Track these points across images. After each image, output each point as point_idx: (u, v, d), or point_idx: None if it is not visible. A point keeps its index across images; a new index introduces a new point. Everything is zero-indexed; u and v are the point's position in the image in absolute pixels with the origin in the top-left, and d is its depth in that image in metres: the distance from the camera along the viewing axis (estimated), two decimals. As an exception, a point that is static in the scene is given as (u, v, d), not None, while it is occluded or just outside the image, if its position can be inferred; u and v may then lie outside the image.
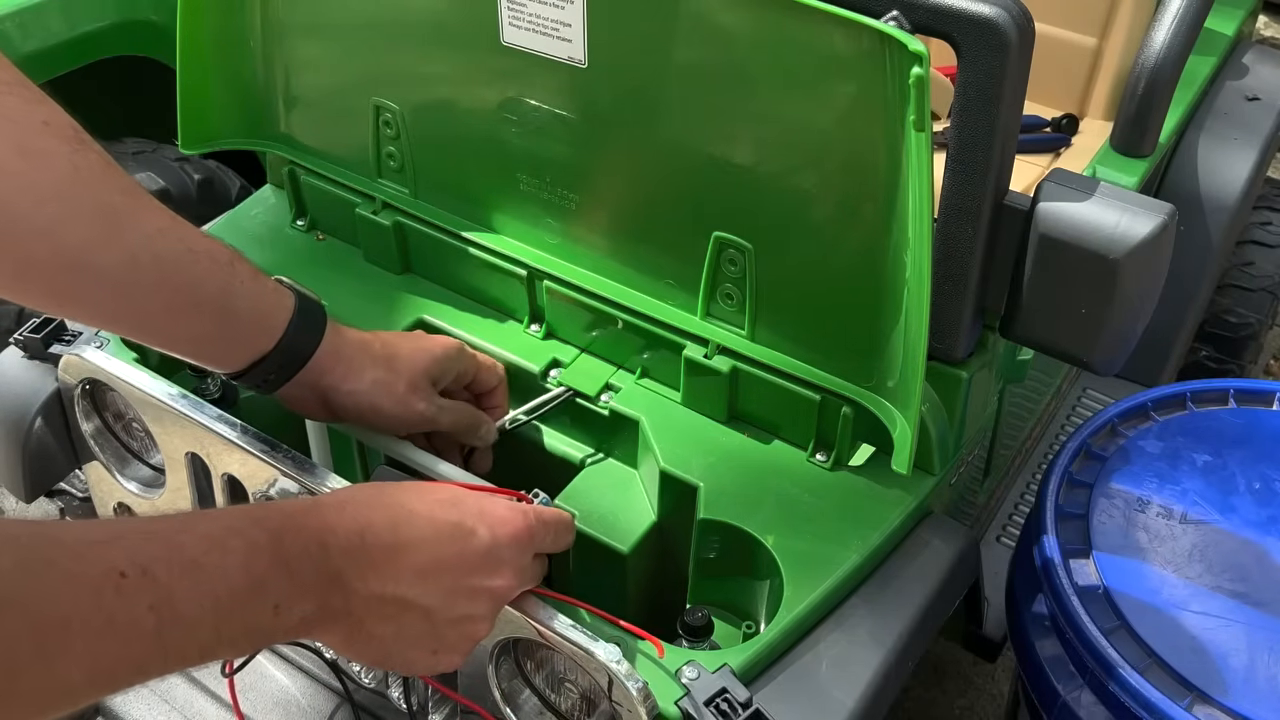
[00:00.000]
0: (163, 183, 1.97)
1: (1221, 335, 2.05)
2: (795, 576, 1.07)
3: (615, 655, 0.93)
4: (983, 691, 1.94)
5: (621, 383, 1.27)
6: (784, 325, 1.16)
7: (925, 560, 1.15)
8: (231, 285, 1.01)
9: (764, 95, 1.06)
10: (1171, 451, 1.30)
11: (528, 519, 0.92)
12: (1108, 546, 1.19)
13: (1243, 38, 2.03)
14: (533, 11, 1.11)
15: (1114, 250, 1.01)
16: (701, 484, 1.15)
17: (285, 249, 1.46)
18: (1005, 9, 0.96)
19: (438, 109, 1.29)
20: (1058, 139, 1.89)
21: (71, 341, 1.28)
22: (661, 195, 1.18)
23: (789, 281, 1.14)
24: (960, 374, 1.17)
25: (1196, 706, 1.06)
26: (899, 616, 1.09)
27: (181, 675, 1.27)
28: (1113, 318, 1.05)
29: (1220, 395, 1.37)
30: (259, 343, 1.04)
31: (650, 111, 1.13)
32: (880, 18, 0.95)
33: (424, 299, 1.38)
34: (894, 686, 1.06)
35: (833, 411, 1.16)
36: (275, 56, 1.37)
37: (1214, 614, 1.13)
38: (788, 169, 1.08)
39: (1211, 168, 1.79)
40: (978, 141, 1.02)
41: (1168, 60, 1.47)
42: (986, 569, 1.29)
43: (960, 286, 1.10)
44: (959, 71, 1.00)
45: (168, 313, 0.99)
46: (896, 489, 1.17)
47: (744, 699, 0.94)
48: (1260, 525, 1.21)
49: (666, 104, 1.12)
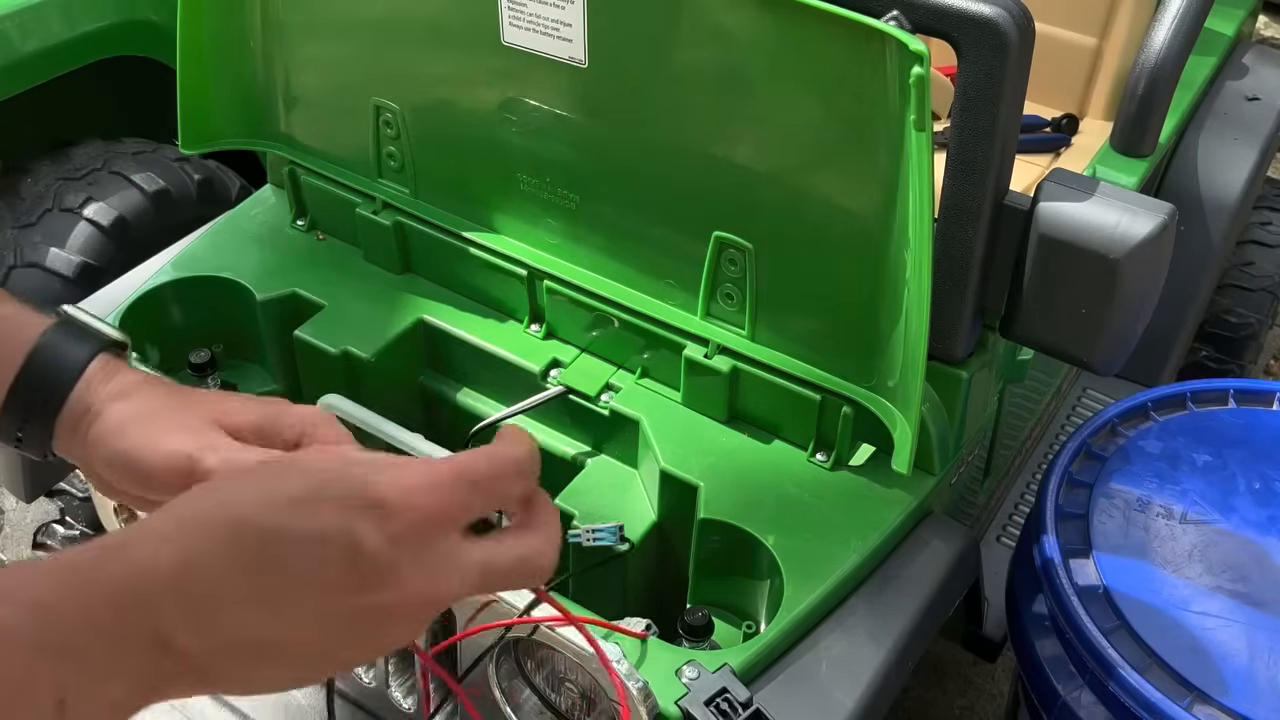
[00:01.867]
0: (163, 183, 1.98)
1: (1221, 335, 2.05)
2: (795, 576, 1.07)
3: (616, 655, 0.93)
4: (983, 691, 1.94)
5: (622, 383, 1.27)
6: (784, 325, 1.16)
7: (925, 560, 1.15)
8: None
9: (764, 95, 1.06)
10: (1171, 451, 1.30)
11: (437, 486, 0.61)
12: (1108, 546, 1.19)
13: (1243, 38, 2.03)
14: (533, 11, 1.11)
15: (1114, 250, 1.01)
16: (701, 484, 1.15)
17: (285, 249, 1.46)
18: (1005, 9, 0.96)
19: (438, 109, 1.29)
20: (1058, 139, 1.89)
21: (72, 341, 1.28)
22: (662, 195, 1.18)
23: (789, 281, 1.14)
24: (960, 374, 1.17)
25: (1196, 706, 1.06)
26: (899, 616, 1.09)
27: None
28: (1113, 318, 1.05)
29: (1220, 395, 1.37)
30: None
31: (650, 111, 1.13)
32: (880, 18, 0.95)
33: (424, 299, 1.38)
34: (894, 686, 1.06)
35: (833, 411, 1.16)
36: (275, 56, 1.37)
37: (1214, 614, 1.13)
38: (788, 169, 1.08)
39: (1211, 168, 1.79)
40: (978, 141, 1.02)
41: (1168, 60, 1.47)
42: (986, 569, 1.29)
43: (960, 286, 1.10)
44: (959, 71, 1.00)
45: None
46: (896, 489, 1.17)
47: (744, 699, 0.94)
48: (1260, 525, 1.21)
49: (667, 104, 1.12)
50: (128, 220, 1.94)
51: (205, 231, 1.49)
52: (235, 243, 1.46)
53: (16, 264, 1.91)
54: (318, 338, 1.32)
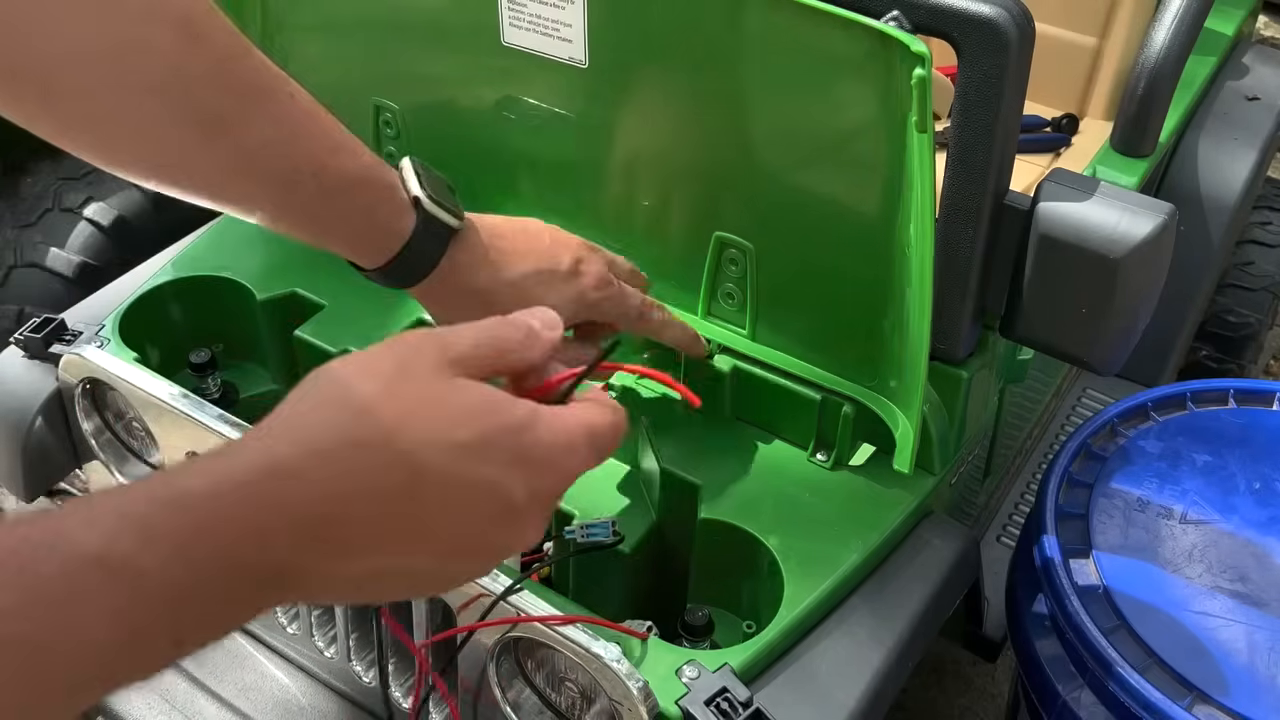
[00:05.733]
0: (163, 182, 1.97)
1: (1221, 335, 2.05)
2: (795, 576, 1.07)
3: (616, 654, 0.93)
4: (983, 691, 1.94)
5: (621, 382, 1.27)
6: (785, 325, 1.16)
7: (925, 560, 1.15)
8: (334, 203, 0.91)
9: (765, 96, 1.06)
10: (1171, 451, 1.30)
11: (574, 449, 0.66)
12: (1108, 546, 1.19)
13: (1243, 38, 2.03)
14: (533, 11, 1.11)
15: (1114, 250, 1.01)
16: (702, 484, 1.15)
17: (285, 249, 1.45)
18: (1005, 9, 0.96)
19: (438, 109, 1.29)
20: (1058, 139, 1.89)
21: (72, 341, 1.28)
22: (662, 195, 1.18)
23: (790, 281, 1.14)
24: (960, 374, 1.17)
25: (1196, 706, 1.06)
26: (899, 616, 1.09)
27: (182, 675, 1.27)
28: (1113, 318, 1.05)
29: (1220, 395, 1.37)
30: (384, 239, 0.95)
31: (651, 112, 1.13)
32: (880, 18, 0.95)
33: (424, 299, 1.38)
34: (894, 686, 1.06)
35: (833, 411, 1.16)
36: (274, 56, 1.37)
37: (1214, 614, 1.13)
38: (789, 169, 1.08)
39: (1211, 168, 1.79)
40: (978, 141, 1.02)
41: (1168, 60, 1.47)
42: (986, 569, 1.29)
43: (960, 286, 1.10)
44: (959, 71, 1.00)
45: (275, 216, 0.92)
46: (897, 489, 1.17)
47: (744, 698, 0.94)
48: (1260, 525, 1.21)
49: (667, 105, 1.12)
50: (128, 220, 1.94)
51: (205, 231, 1.49)
52: (235, 243, 1.46)
53: (16, 264, 1.91)
54: (318, 338, 1.32)
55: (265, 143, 0.86)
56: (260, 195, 0.90)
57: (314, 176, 0.89)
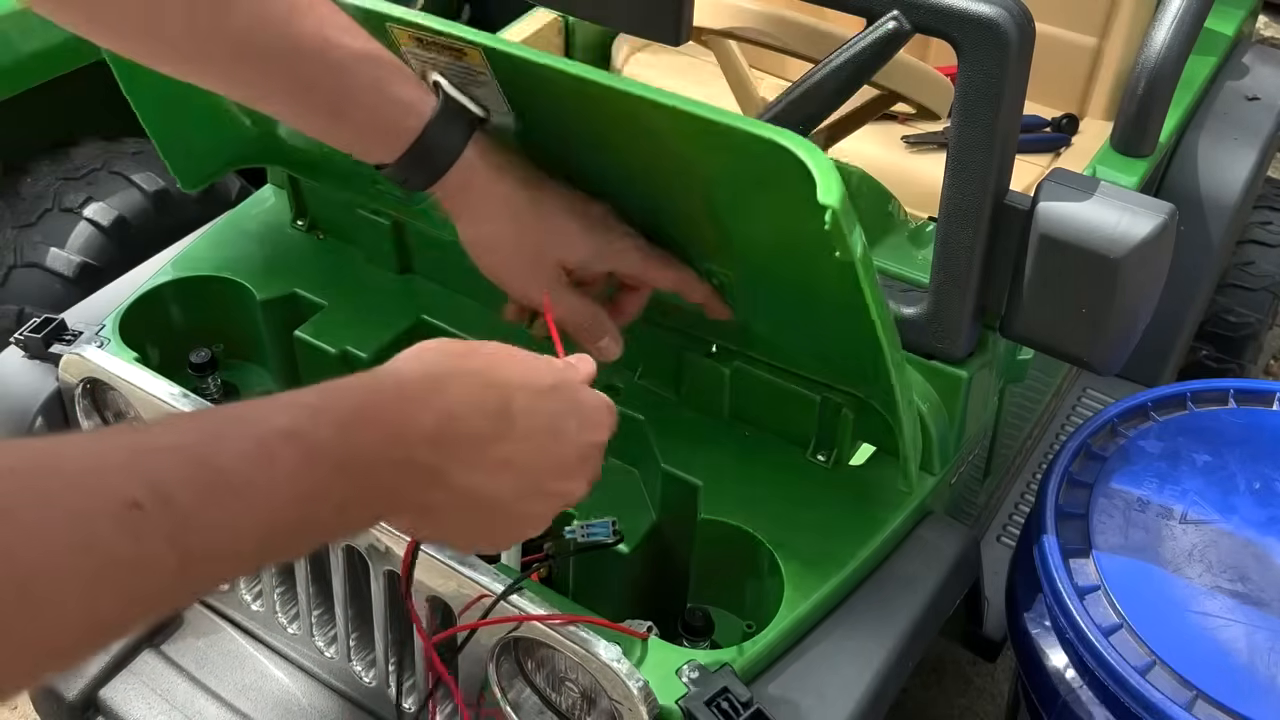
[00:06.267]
0: (162, 183, 1.98)
1: (1221, 335, 2.05)
2: (795, 576, 1.07)
3: (616, 654, 0.93)
4: (983, 691, 1.94)
5: (621, 382, 1.27)
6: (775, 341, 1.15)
7: (925, 560, 1.15)
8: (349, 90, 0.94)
9: (697, 186, 0.99)
10: (1171, 451, 1.30)
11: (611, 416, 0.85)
12: (1108, 546, 1.19)
13: (1243, 38, 2.03)
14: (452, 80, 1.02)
15: (1114, 250, 1.01)
16: (701, 484, 1.15)
17: (285, 249, 1.46)
18: (1005, 9, 0.96)
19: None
20: (1058, 139, 1.89)
21: (72, 341, 1.28)
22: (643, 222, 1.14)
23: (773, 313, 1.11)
24: (960, 374, 1.17)
25: (1197, 706, 1.06)
26: (899, 616, 1.09)
27: (182, 675, 1.27)
28: (1113, 317, 1.05)
29: (1220, 395, 1.37)
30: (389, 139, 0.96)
31: (599, 173, 1.07)
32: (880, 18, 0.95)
33: (424, 299, 1.38)
34: (894, 686, 1.06)
35: (833, 411, 1.16)
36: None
37: (1214, 614, 1.13)
38: (740, 242, 1.03)
39: (1211, 168, 1.79)
40: (978, 141, 1.02)
41: (1168, 60, 1.47)
42: (986, 569, 1.29)
43: (960, 286, 1.10)
44: (959, 71, 0.99)
45: (286, 104, 0.96)
46: (897, 489, 1.17)
47: (745, 698, 0.94)
48: (1260, 525, 1.21)
49: (612, 173, 1.06)
50: (128, 220, 1.94)
51: (205, 231, 1.49)
52: (235, 243, 1.46)
53: (16, 264, 1.91)
54: (318, 338, 1.32)
55: (264, 20, 0.90)
56: (268, 76, 0.92)
57: (318, 53, 0.91)
